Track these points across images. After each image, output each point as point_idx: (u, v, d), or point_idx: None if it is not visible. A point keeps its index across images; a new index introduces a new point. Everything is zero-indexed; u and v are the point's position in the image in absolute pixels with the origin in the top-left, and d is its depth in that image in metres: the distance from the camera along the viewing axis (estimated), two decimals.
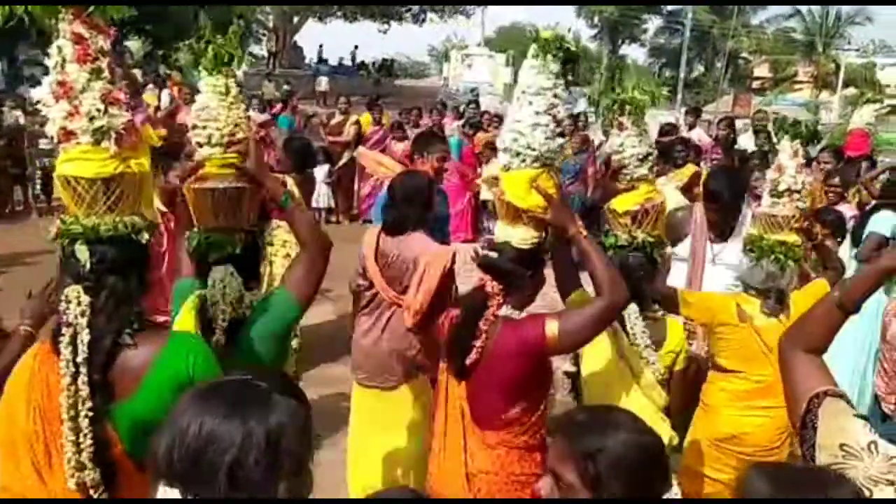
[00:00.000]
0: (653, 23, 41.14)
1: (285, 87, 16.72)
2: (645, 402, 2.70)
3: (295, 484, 1.31)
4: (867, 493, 1.50)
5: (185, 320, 2.09)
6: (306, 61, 32.42)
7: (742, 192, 4.10)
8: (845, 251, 4.79)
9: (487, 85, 26.63)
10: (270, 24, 29.17)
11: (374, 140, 10.52)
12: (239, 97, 2.24)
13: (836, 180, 5.62)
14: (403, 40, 60.70)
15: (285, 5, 28.68)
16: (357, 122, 10.86)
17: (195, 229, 2.25)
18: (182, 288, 2.27)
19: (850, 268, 4.28)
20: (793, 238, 3.14)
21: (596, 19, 39.86)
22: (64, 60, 1.81)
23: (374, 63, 35.25)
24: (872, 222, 4.84)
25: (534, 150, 2.36)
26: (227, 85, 2.21)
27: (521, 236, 2.41)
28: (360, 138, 10.57)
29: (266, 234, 2.60)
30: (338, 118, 11.13)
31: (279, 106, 12.96)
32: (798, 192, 3.18)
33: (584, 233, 2.41)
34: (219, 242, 2.20)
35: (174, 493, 1.26)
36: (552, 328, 2.28)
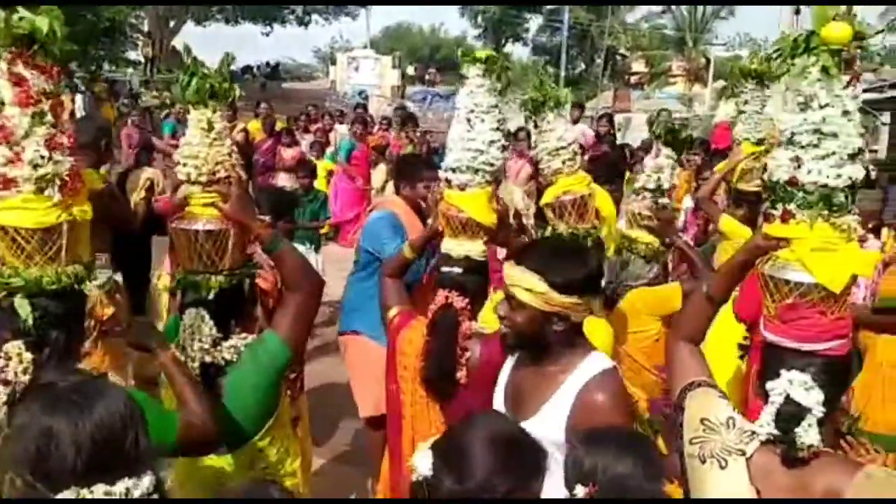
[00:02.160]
0: (534, 22, 42.20)
1: (166, 93, 16.15)
2: None
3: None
4: (723, 463, 1.65)
5: None
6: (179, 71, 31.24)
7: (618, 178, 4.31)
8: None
9: (375, 87, 26.55)
10: (146, 29, 28.06)
11: (265, 148, 10.33)
12: (223, 133, 2.17)
13: (708, 174, 5.91)
14: (288, 43, 59.85)
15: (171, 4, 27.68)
16: (245, 130, 10.63)
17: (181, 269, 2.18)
18: (167, 328, 2.21)
19: None
20: (640, 234, 3.28)
21: (479, 19, 40.50)
22: (2, 103, 1.70)
23: (258, 66, 34.50)
24: None
25: (492, 166, 2.49)
26: (211, 120, 2.13)
27: (479, 249, 2.52)
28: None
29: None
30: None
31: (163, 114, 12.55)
32: (652, 190, 3.34)
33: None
34: (192, 285, 2.13)
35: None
36: None
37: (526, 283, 1.98)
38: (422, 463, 1.51)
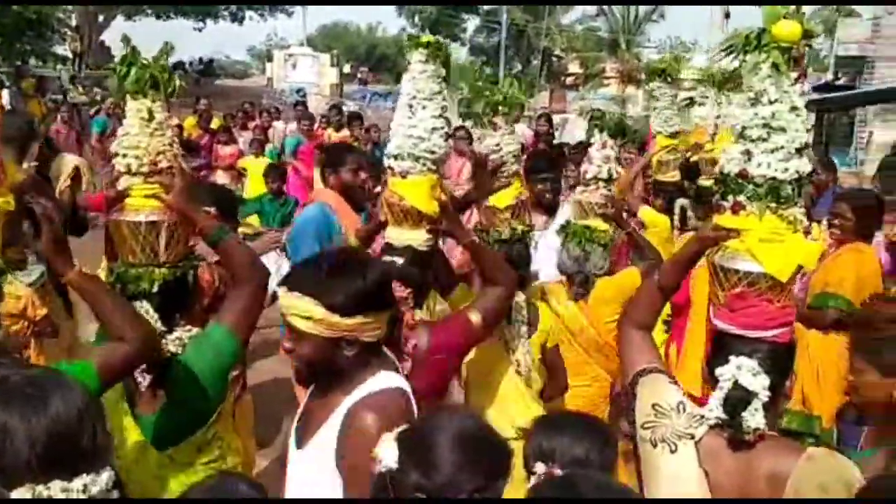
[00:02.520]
0: (472, 22, 42.48)
1: (97, 89, 15.69)
2: (522, 387, 2.86)
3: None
4: (673, 447, 1.71)
5: None
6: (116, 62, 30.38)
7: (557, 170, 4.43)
8: None
9: (314, 85, 26.29)
10: (74, 23, 27.14)
11: (202, 145, 10.10)
12: (164, 124, 2.11)
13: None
14: (222, 39, 58.63)
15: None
16: (178, 126, 10.39)
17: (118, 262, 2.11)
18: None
19: None
20: (598, 223, 3.34)
21: (417, 18, 40.54)
22: None
23: (191, 63, 33.76)
24: None
25: (434, 153, 2.46)
26: (151, 110, 2.08)
27: (422, 238, 2.48)
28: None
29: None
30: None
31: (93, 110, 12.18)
32: (605, 180, 3.40)
33: (475, 237, 2.59)
34: (133, 278, 2.07)
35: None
36: (476, 317, 2.42)
37: (302, 311, 1.75)
38: (387, 454, 1.50)
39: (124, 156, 2.07)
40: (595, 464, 1.70)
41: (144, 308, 2.05)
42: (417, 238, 2.48)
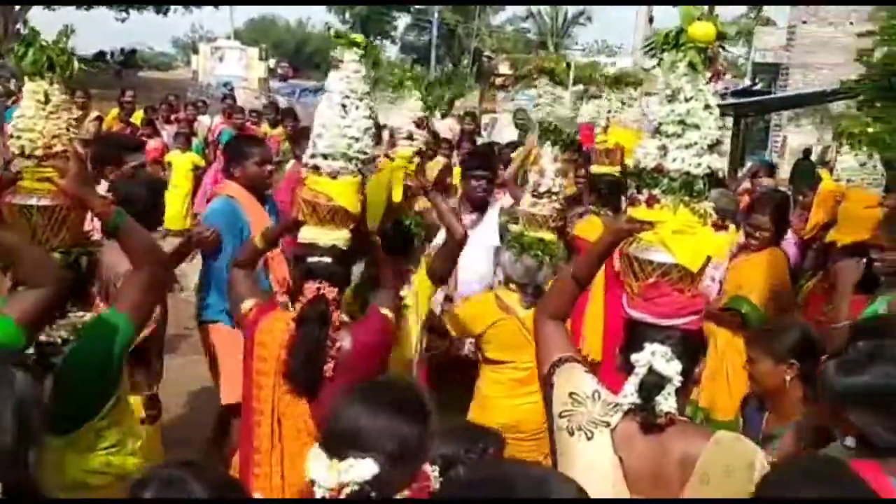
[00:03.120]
0: (402, 20, 42.44)
1: (13, 80, 14.99)
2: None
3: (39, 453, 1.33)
4: (589, 435, 1.78)
5: None
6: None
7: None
8: None
9: (241, 79, 25.78)
10: None
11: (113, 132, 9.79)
12: (61, 106, 2.08)
13: (583, 171, 6.18)
14: (145, 30, 57.01)
15: None
16: (99, 118, 10.05)
17: None
18: None
19: None
20: (550, 236, 3.42)
21: (347, 15, 40.24)
22: None
23: (112, 53, 32.65)
24: None
25: (365, 153, 2.47)
26: (48, 92, 2.03)
27: (346, 238, 2.48)
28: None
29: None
30: (75, 114, 10.19)
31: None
32: (556, 193, 3.47)
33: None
34: None
35: None
36: (389, 314, 2.56)
37: None
38: (356, 472, 1.50)
39: (18, 137, 2.04)
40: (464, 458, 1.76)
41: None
42: (342, 237, 2.48)
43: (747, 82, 24.04)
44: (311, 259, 2.46)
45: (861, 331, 2.14)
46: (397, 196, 3.00)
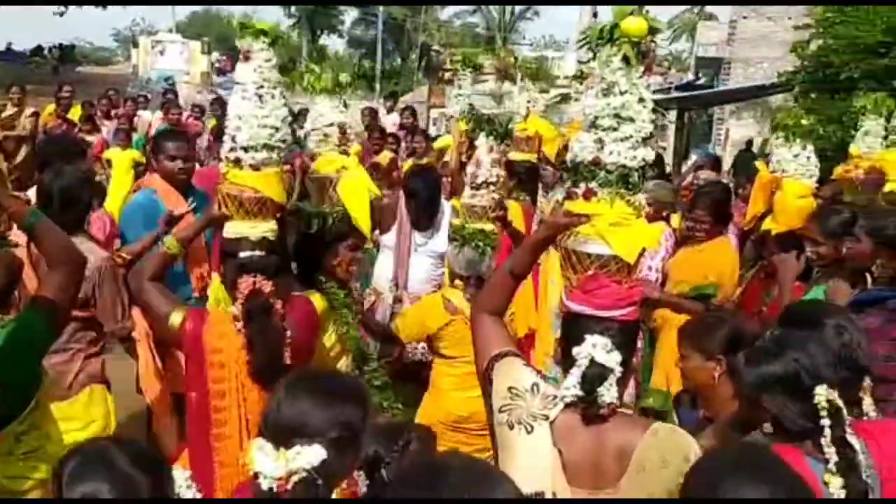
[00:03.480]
0: (349, 15, 42.10)
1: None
2: None
3: None
4: (529, 429, 1.77)
5: None
6: None
7: (437, 188, 4.43)
8: None
9: (183, 74, 25.26)
10: None
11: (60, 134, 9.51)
12: None
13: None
14: (85, 24, 55.40)
15: None
16: (35, 114, 9.74)
17: None
18: None
19: None
20: (490, 227, 3.45)
21: (294, 9, 39.75)
22: None
23: (50, 49, 31.68)
24: None
25: (285, 142, 2.46)
26: None
27: (272, 228, 2.48)
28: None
29: None
30: (10, 110, 9.87)
31: None
32: (493, 184, 3.51)
33: None
34: None
35: None
36: (315, 297, 2.60)
37: None
38: (305, 458, 1.50)
39: None
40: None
41: None
42: (270, 229, 2.47)
43: (691, 77, 24.48)
44: (242, 254, 2.44)
45: (791, 317, 2.18)
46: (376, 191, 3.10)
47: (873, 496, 1.71)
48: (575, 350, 1.78)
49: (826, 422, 1.73)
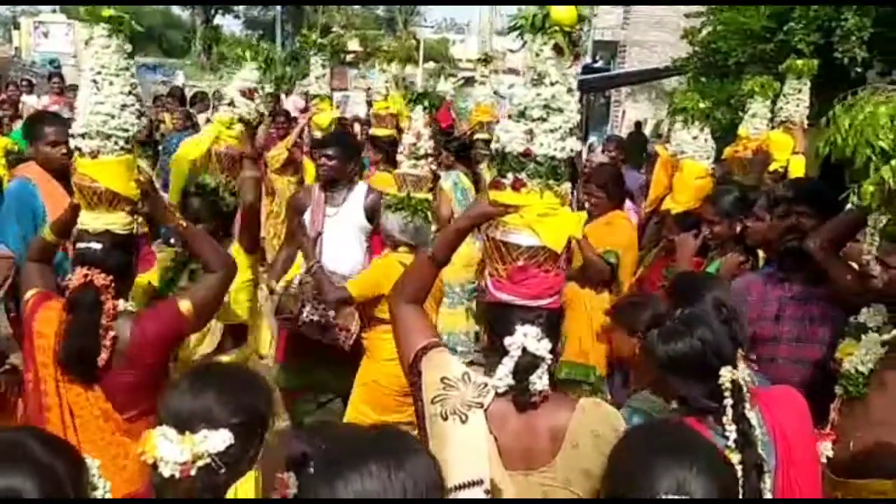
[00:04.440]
0: None
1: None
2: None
3: None
4: (463, 418, 1.80)
5: None
6: None
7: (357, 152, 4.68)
8: None
9: (70, 56, 23.95)
10: None
11: None
12: None
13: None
14: None
15: None
16: None
17: None
18: None
19: None
20: (429, 196, 3.68)
21: None
22: None
23: None
24: None
25: (126, 131, 2.38)
26: None
27: (122, 222, 2.42)
28: None
29: None
30: None
31: None
32: (431, 155, 3.73)
33: (184, 222, 2.58)
34: None
35: None
36: (186, 305, 2.43)
37: None
38: (211, 443, 1.54)
39: None
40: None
41: None
42: (116, 221, 2.41)
43: (588, 60, 25.03)
44: (80, 245, 2.41)
45: (674, 290, 2.28)
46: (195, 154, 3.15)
47: (767, 467, 1.83)
48: (507, 340, 1.80)
49: (729, 402, 1.84)
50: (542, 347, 1.79)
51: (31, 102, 10.30)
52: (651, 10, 21.76)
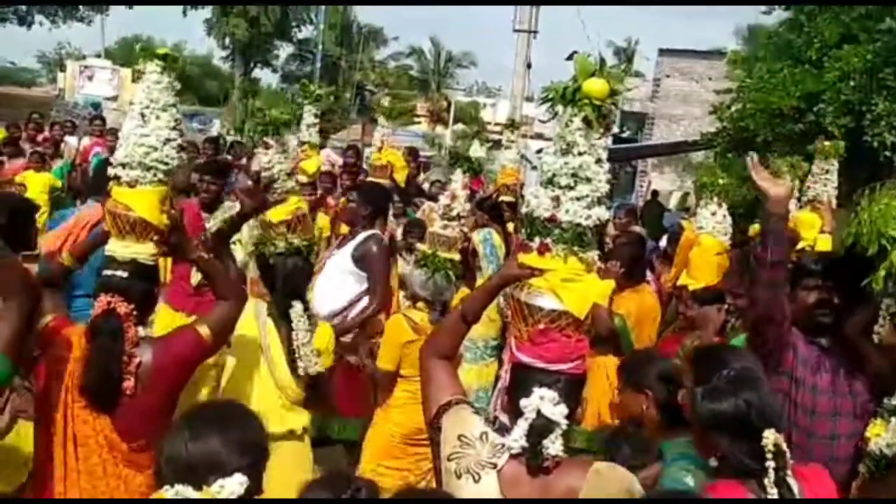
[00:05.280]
0: (284, 50, 42.05)
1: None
2: (274, 394, 3.08)
3: None
4: (476, 477, 1.80)
5: None
6: None
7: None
8: None
9: (111, 100, 24.69)
10: None
11: None
12: None
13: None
14: (8, 44, 53.45)
15: None
16: None
17: None
18: None
19: None
20: (456, 256, 3.74)
21: (227, 41, 39.45)
22: None
23: None
24: None
25: (166, 164, 2.44)
26: None
27: (148, 252, 2.45)
28: None
29: None
30: None
31: None
32: (465, 217, 3.84)
33: (204, 255, 2.63)
34: None
35: None
36: (205, 330, 2.47)
37: None
38: (229, 489, 1.57)
39: None
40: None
41: None
42: (142, 252, 2.44)
43: (615, 130, 25.32)
44: (106, 272, 2.43)
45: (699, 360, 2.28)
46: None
47: None
48: (523, 402, 1.81)
49: (771, 464, 1.82)
50: (557, 412, 1.80)
51: (72, 143, 10.58)
52: (680, 85, 22.05)
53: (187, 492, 1.56)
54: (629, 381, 2.65)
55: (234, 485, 1.60)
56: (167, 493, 1.58)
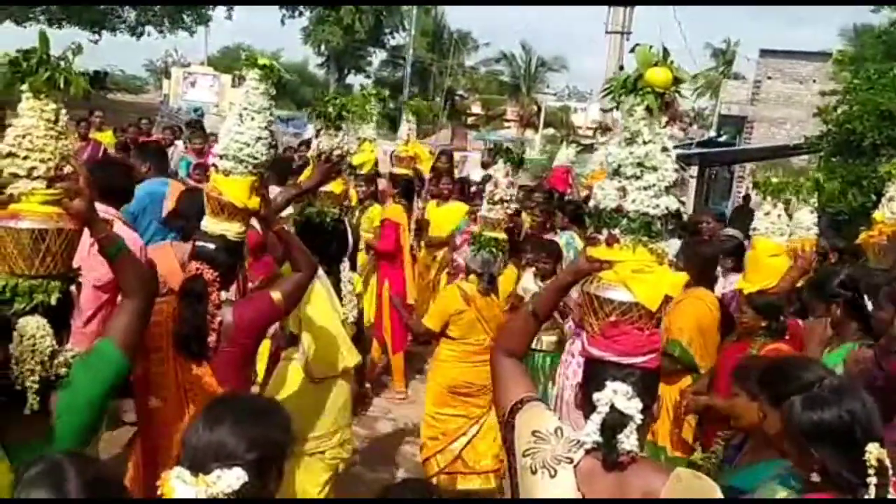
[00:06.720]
0: (377, 56, 42.84)
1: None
2: (343, 334, 3.51)
3: None
4: (552, 472, 1.77)
5: None
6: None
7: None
8: None
9: (212, 105, 25.74)
10: None
11: (85, 158, 9.63)
12: (67, 126, 2.01)
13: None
14: (119, 53, 56.57)
15: None
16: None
17: None
18: None
19: None
20: (502, 235, 4.35)
21: (323, 48, 40.51)
22: None
23: (85, 74, 32.32)
24: None
25: (256, 159, 2.75)
26: (58, 111, 1.99)
27: (235, 230, 2.77)
28: None
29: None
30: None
31: None
32: (507, 201, 4.38)
33: (286, 227, 3.00)
34: (29, 290, 1.91)
35: None
36: (277, 296, 2.81)
37: None
38: (224, 482, 1.54)
39: (25, 158, 1.93)
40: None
41: (41, 323, 1.89)
42: (231, 229, 2.76)
43: (712, 133, 24.61)
44: (198, 243, 2.78)
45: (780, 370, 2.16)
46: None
47: None
48: (595, 396, 1.78)
49: (873, 479, 1.73)
50: (631, 406, 1.75)
51: (181, 147, 11.07)
52: (781, 87, 21.23)
53: (185, 475, 1.54)
54: (745, 388, 2.50)
55: (231, 478, 1.54)
56: (171, 473, 1.56)
